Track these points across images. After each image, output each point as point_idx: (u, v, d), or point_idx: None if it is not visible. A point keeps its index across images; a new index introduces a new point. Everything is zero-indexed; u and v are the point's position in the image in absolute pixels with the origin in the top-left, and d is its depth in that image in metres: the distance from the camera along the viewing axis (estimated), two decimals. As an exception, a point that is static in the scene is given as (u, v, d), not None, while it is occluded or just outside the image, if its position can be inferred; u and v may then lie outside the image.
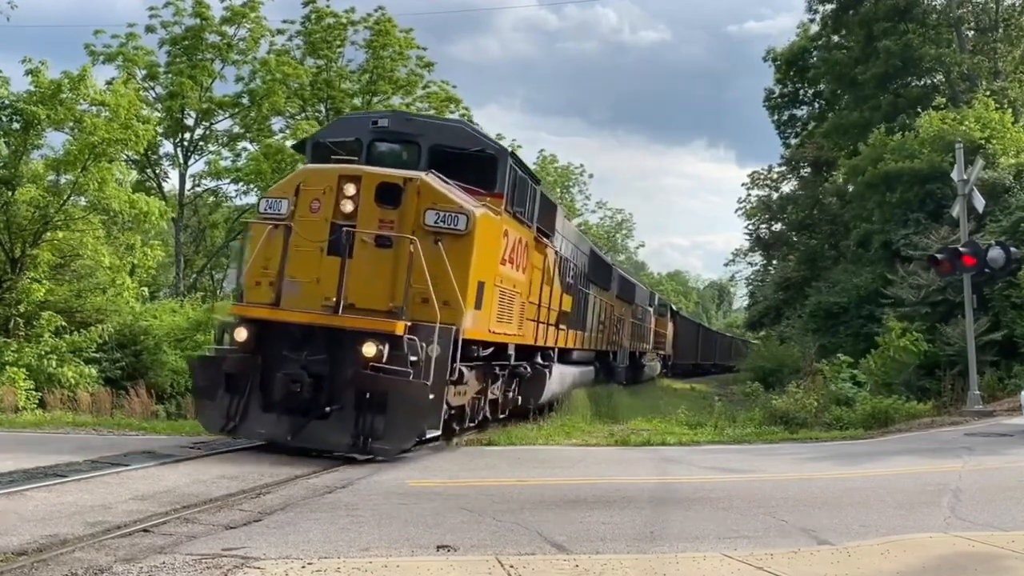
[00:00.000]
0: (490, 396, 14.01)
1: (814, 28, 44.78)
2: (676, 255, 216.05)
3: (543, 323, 16.18)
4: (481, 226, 11.70)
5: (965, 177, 19.75)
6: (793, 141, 49.19)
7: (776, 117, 49.73)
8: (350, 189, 11.09)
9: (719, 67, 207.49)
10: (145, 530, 6.77)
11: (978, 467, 11.38)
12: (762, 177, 55.10)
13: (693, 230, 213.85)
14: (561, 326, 17.86)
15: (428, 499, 8.46)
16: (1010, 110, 30.72)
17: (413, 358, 10.60)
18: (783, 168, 52.38)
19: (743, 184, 59.96)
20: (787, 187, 52.35)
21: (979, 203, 19.79)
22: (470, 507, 8.07)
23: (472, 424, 13.51)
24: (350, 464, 10.60)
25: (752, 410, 19.05)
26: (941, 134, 27.36)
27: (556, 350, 17.66)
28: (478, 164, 12.80)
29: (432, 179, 11.57)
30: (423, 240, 11.04)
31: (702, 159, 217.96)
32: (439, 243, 11.14)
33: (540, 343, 16.10)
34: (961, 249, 18.80)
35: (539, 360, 16.44)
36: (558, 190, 58.04)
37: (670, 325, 43.52)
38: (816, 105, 47.78)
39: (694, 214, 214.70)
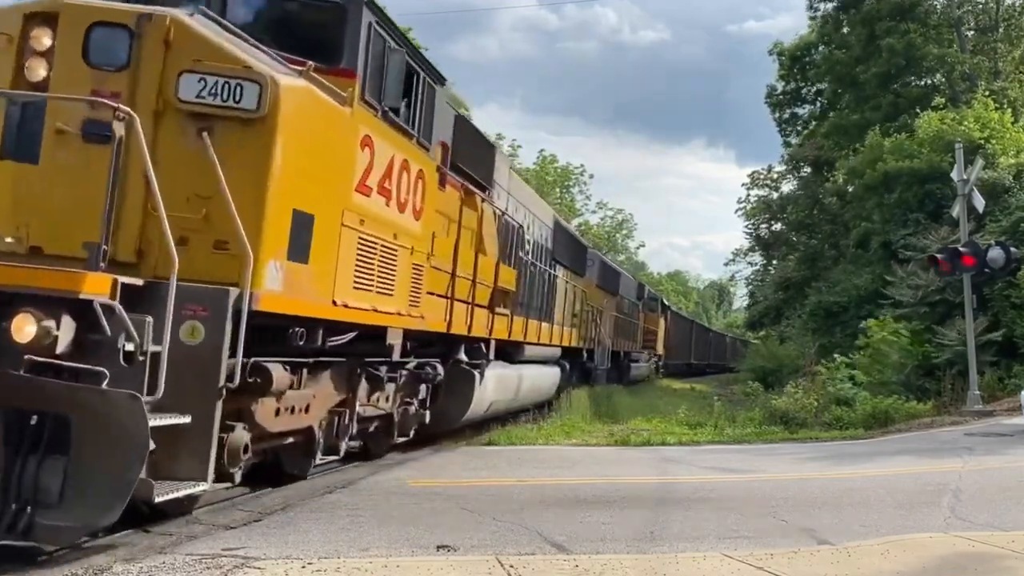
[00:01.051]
0: (363, 412, 9.36)
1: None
2: (676, 255, 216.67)
3: (465, 302, 11.47)
4: (293, 107, 6.66)
5: (965, 177, 19.79)
6: (794, 140, 49.21)
7: (778, 115, 49.75)
8: (43, 39, 6.36)
9: (719, 67, 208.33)
10: (145, 530, 6.76)
11: (978, 467, 11.38)
12: (762, 177, 55.31)
13: (693, 230, 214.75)
14: (500, 309, 13.22)
15: (428, 499, 8.45)
16: (1010, 110, 30.78)
17: (129, 347, 5.70)
18: (783, 168, 52.51)
19: (743, 184, 60.19)
20: (787, 187, 52.53)
21: (979, 203, 19.83)
22: (470, 507, 8.06)
23: (336, 457, 9.12)
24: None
25: (752, 410, 19.05)
26: (941, 134, 27.41)
27: (492, 344, 13.18)
28: (309, 21, 7.97)
29: (194, 21, 6.70)
30: (175, 129, 6.41)
31: (702, 159, 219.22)
32: (206, 135, 6.31)
33: (460, 332, 11.43)
34: (961, 249, 18.83)
35: (464, 358, 12.13)
36: (558, 190, 57.99)
37: (661, 322, 40.77)
38: (818, 104, 47.79)
39: (694, 214, 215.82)
